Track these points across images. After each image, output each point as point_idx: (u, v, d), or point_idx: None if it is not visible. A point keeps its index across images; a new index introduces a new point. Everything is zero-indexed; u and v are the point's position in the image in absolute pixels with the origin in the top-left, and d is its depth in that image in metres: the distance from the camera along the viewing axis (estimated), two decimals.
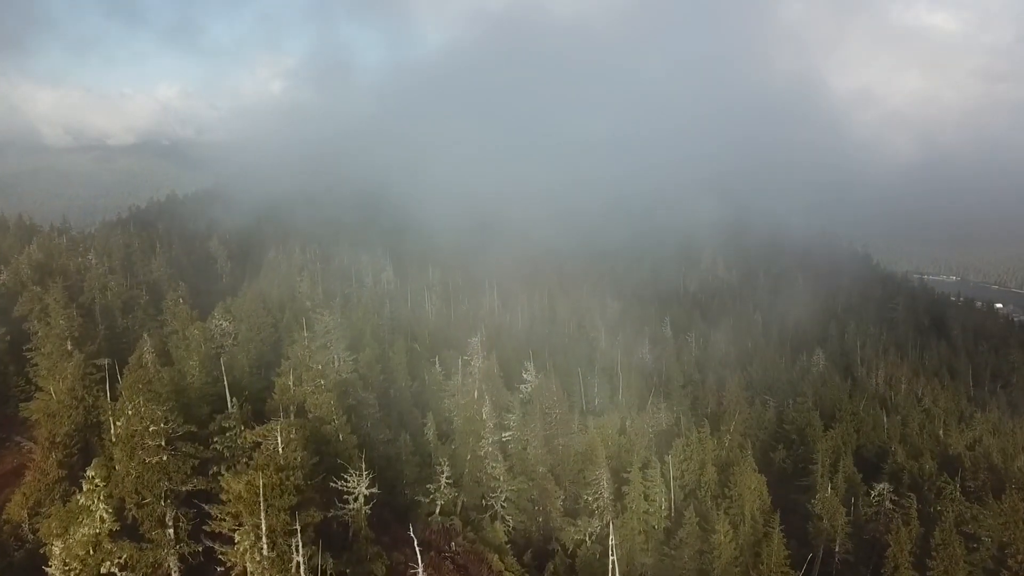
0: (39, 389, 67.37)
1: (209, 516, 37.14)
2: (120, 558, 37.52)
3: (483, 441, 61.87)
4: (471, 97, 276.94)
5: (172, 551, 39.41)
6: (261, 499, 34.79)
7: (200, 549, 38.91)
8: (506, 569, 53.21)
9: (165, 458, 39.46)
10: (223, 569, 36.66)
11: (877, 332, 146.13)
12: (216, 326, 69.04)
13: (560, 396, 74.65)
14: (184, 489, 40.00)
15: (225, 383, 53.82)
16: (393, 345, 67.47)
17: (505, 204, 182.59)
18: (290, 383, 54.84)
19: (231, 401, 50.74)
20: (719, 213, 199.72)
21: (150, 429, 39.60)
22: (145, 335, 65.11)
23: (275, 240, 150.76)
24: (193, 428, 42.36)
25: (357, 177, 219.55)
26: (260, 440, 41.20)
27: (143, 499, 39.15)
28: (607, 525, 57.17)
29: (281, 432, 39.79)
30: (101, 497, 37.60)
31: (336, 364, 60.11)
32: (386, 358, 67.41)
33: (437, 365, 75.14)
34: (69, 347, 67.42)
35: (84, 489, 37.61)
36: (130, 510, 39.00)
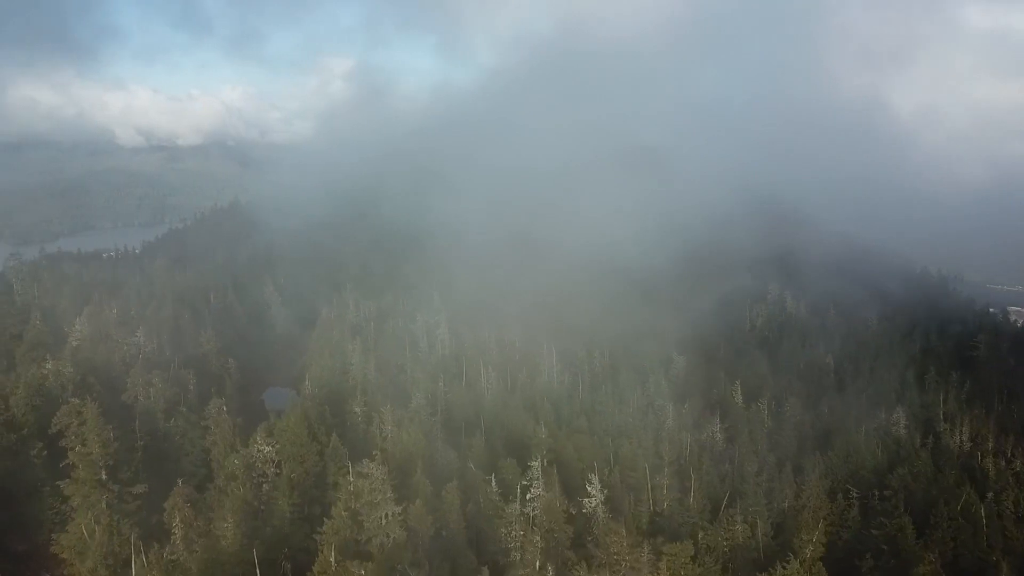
0: (71, 519, 62.45)
1: None
2: None
3: None
4: (516, 115, 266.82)
5: None
6: None
7: None
8: None
9: None
10: None
11: (959, 378, 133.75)
12: (258, 452, 62.64)
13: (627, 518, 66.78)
14: None
15: (255, 560, 47.17)
16: (447, 485, 59.77)
17: (551, 229, 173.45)
18: (332, 560, 47.88)
19: None
20: (780, 236, 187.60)
21: None
22: (179, 484, 58.66)
23: (328, 284, 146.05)
24: None
25: (404, 192, 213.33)
26: None
27: None
28: None
29: None
30: None
31: (383, 522, 52.96)
32: (438, 500, 59.96)
33: (493, 483, 67.55)
34: (104, 476, 61.93)
35: None
36: None
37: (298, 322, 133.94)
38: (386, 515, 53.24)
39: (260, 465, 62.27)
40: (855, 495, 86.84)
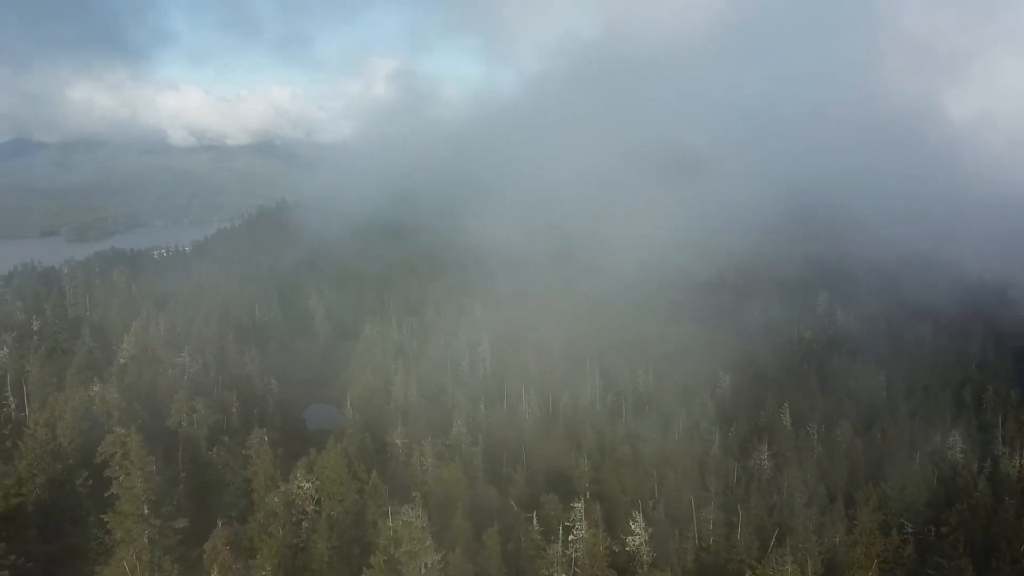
0: (113, 552, 62.43)
1: None
2: None
3: None
4: (558, 121, 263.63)
5: None
6: None
7: None
8: None
9: None
10: None
11: (1019, 397, 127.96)
12: (297, 489, 61.83)
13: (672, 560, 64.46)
14: None
15: None
16: (487, 530, 58.15)
17: (593, 239, 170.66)
18: None
19: None
20: (829, 245, 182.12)
21: None
22: (219, 525, 58.08)
23: (371, 293, 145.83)
24: None
25: (445, 199, 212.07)
26: None
27: None
28: None
29: None
30: None
31: (423, 571, 51.58)
32: (478, 543, 58.40)
33: (535, 521, 65.74)
34: (146, 511, 61.72)
35: None
36: None
37: (341, 333, 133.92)
38: (426, 564, 51.86)
39: (300, 502, 61.47)
40: (910, 531, 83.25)
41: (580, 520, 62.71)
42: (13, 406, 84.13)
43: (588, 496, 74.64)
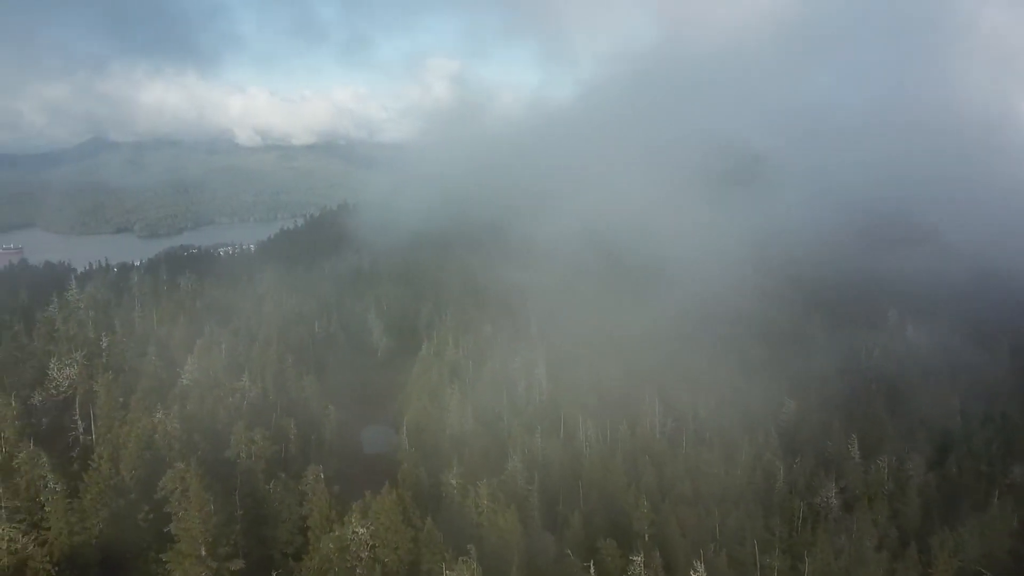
0: None
1: None
2: None
3: None
4: (615, 128, 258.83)
5: None
6: None
7: None
8: None
9: None
10: None
11: None
12: (352, 535, 60.79)
13: None
14: None
15: None
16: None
17: (650, 251, 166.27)
18: None
19: None
20: (899, 257, 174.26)
21: None
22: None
23: (429, 305, 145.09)
24: None
25: (501, 208, 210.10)
26: None
27: None
28: None
29: None
30: None
31: None
32: None
33: (592, 572, 63.48)
34: (203, 552, 61.61)
35: None
36: None
37: (399, 346, 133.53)
38: None
39: (354, 548, 60.45)
40: None
41: (640, 574, 60.23)
42: (81, 429, 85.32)
43: (647, 539, 72.22)
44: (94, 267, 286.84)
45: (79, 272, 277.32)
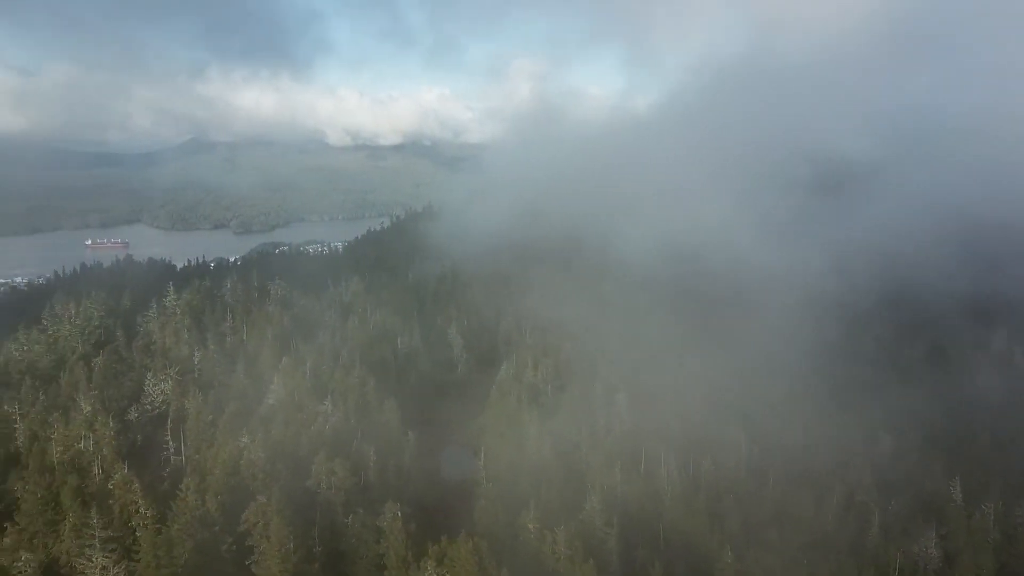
0: None
1: None
2: None
3: None
4: (700, 136, 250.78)
5: None
6: None
7: None
8: None
9: None
10: None
11: None
12: None
13: None
14: None
15: None
16: None
17: (735, 266, 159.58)
18: None
19: None
20: (1006, 275, 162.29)
21: None
22: None
23: (510, 319, 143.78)
24: None
25: (582, 216, 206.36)
26: None
27: None
28: None
29: None
30: None
31: None
32: None
33: None
34: None
35: None
36: None
37: (478, 363, 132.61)
38: None
39: None
40: None
41: None
42: (172, 449, 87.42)
43: None
44: (192, 264, 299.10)
45: (179, 268, 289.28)
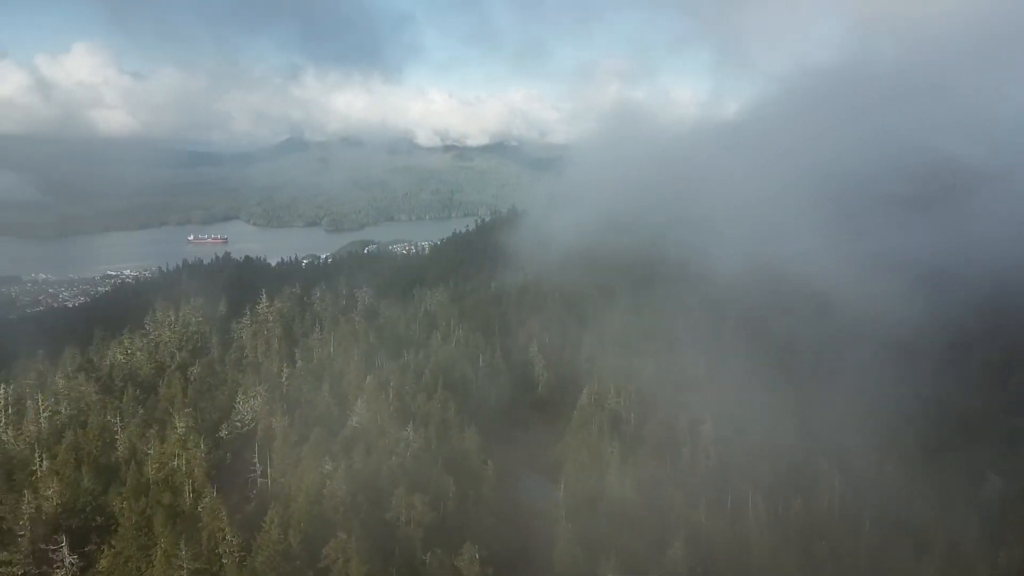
0: None
1: None
2: None
3: None
4: (789, 147, 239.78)
5: None
6: None
7: None
8: None
9: None
10: None
11: None
12: None
13: None
14: None
15: None
16: None
17: (829, 288, 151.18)
18: None
19: None
20: None
21: None
22: None
23: (592, 335, 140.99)
24: None
25: (665, 226, 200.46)
26: None
27: None
28: None
29: None
30: None
31: None
32: None
33: None
34: None
35: None
36: None
37: (559, 383, 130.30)
38: None
39: None
40: None
41: None
42: (258, 472, 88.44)
43: None
44: (285, 262, 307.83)
45: (273, 265, 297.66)
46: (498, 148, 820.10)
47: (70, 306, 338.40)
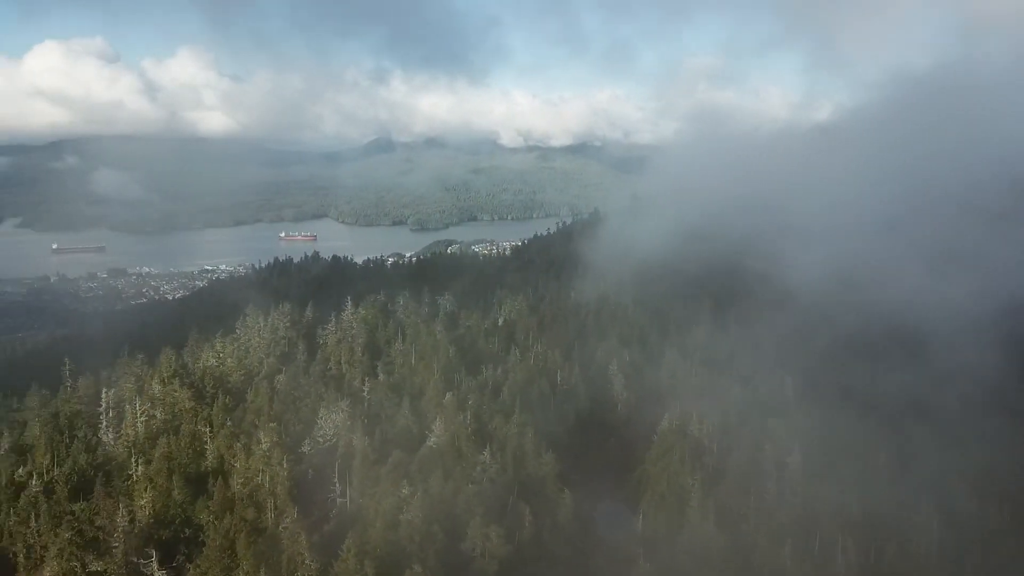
0: None
1: None
2: None
3: None
4: (880, 158, 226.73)
5: None
6: None
7: None
8: None
9: None
10: None
11: None
12: None
13: None
14: None
15: None
16: None
17: (914, 301, 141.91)
18: None
19: None
20: None
21: None
22: None
23: (675, 351, 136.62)
24: None
25: (749, 237, 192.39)
26: None
27: None
28: None
29: None
30: None
31: None
32: None
33: None
34: None
35: None
36: None
37: (639, 403, 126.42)
38: None
39: None
40: None
41: None
42: (338, 492, 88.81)
43: None
44: (371, 261, 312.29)
45: (359, 264, 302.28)
46: (581, 148, 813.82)
47: (170, 299, 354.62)
